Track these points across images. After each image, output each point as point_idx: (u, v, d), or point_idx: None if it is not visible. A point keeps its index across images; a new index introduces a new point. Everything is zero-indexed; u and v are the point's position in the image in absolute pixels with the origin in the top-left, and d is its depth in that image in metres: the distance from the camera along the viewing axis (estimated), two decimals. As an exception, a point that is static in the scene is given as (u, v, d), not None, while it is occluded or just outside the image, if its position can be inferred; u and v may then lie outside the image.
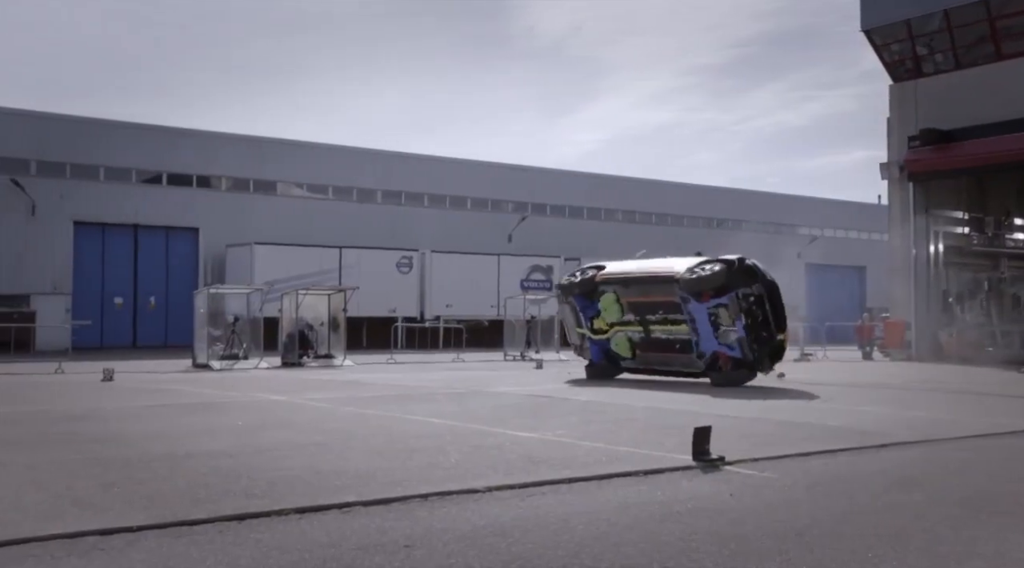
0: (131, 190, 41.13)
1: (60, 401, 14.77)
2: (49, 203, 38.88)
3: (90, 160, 40.18)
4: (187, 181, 42.85)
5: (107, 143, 40.33)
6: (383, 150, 48.52)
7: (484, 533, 5.62)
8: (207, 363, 25.38)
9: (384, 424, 11.32)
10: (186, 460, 8.20)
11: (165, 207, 41.64)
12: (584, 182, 54.00)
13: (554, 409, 13.34)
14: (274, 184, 44.81)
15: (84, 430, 10.63)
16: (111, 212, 40.43)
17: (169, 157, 42.02)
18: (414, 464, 8.08)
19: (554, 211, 52.61)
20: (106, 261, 40.80)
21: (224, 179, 43.79)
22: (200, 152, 42.73)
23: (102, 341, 38.42)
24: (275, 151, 44.61)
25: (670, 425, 10.96)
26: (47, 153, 39.26)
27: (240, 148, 43.81)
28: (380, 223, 45.63)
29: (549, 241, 49.01)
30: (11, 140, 38.50)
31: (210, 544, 5.33)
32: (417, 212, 47.93)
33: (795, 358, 30.48)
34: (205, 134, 43.42)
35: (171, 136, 42.24)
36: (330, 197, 46.14)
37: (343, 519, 5.99)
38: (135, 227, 41.28)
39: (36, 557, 5.01)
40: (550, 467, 7.90)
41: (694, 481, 7.44)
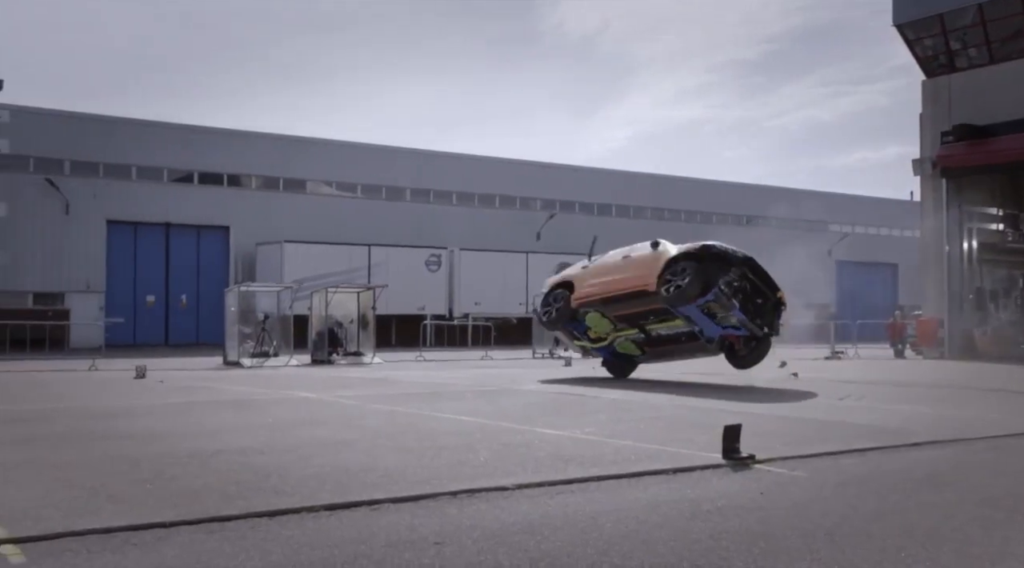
0: (163, 189, 41.56)
1: (94, 398, 14.94)
2: (83, 202, 39.37)
3: (123, 160, 40.64)
4: (218, 180, 43.22)
5: (139, 143, 40.78)
6: (412, 148, 48.69)
7: (513, 531, 5.63)
8: (238, 360, 25.60)
9: (413, 422, 11.36)
10: (217, 457, 8.27)
11: (196, 206, 42.04)
12: (613, 179, 53.92)
13: (583, 407, 13.32)
14: (304, 182, 45.09)
15: (117, 427, 10.75)
16: (143, 211, 40.88)
17: (200, 156, 42.41)
18: (443, 462, 8.10)
19: (583, 208, 52.56)
20: (138, 259, 41.26)
21: (254, 178, 44.11)
22: (230, 151, 43.09)
23: (135, 339, 38.88)
24: (305, 150, 44.89)
25: (699, 423, 10.92)
26: (81, 153, 39.76)
27: (270, 147, 44.12)
28: (409, 221, 45.78)
29: (577, 239, 48.87)
30: (45, 140, 39.02)
31: (242, 540, 5.37)
32: (446, 210, 48.04)
33: (826, 356, 30.26)
34: (235, 133, 43.77)
35: (202, 135, 42.62)
36: (359, 195, 46.35)
37: (373, 516, 6.01)
38: (167, 226, 41.71)
39: (72, 552, 5.08)
40: (579, 465, 7.89)
41: (724, 479, 7.41)
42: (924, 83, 33.85)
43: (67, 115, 40.30)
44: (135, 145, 40.72)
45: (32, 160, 39.01)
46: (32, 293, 38.72)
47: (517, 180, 50.40)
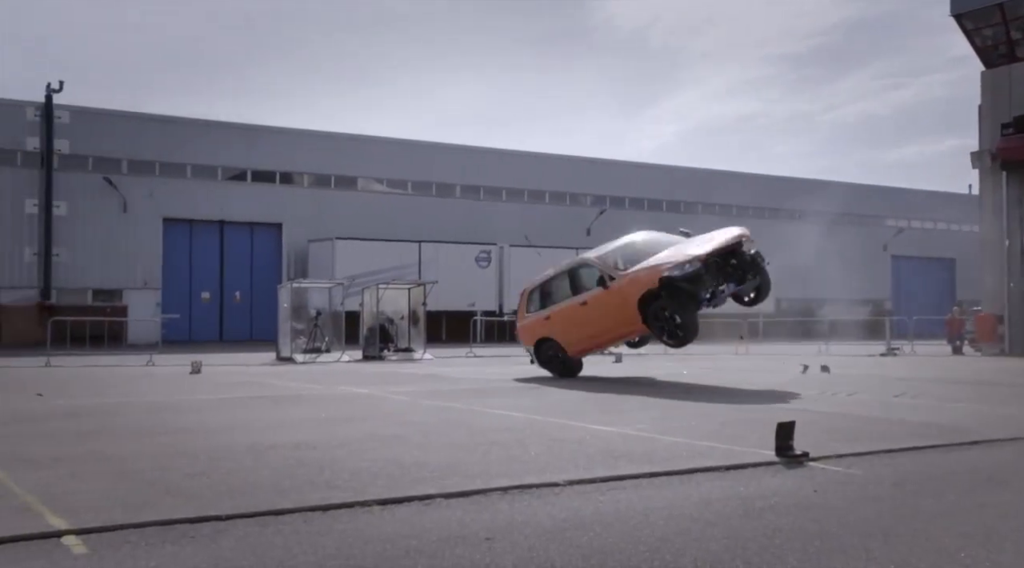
0: (217, 187, 42.17)
1: (151, 393, 15.22)
2: (140, 201, 40.10)
3: (178, 158, 41.31)
4: (271, 178, 43.74)
5: (194, 142, 41.42)
6: (462, 145, 48.84)
7: (565, 527, 5.63)
8: (291, 356, 25.89)
9: (464, 417, 11.40)
10: (271, 451, 8.38)
11: (250, 203, 42.59)
12: (663, 175, 53.61)
13: (633, 403, 13.28)
14: (355, 180, 45.44)
15: (174, 421, 10.94)
16: (198, 209, 41.53)
17: (253, 155, 42.95)
18: (494, 457, 8.12)
19: (633, 204, 52.32)
20: (193, 257, 41.93)
21: (306, 176, 44.56)
22: (283, 149, 43.58)
23: (190, 335, 39.52)
24: (355, 147, 45.25)
25: (752, 420, 10.82)
26: (138, 152, 40.48)
27: (322, 145, 44.53)
28: (459, 217, 45.93)
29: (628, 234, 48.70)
30: (104, 140, 39.80)
31: (295, 534, 5.44)
32: (495, 206, 48.12)
33: (881, 352, 29.80)
34: (288, 131, 44.25)
35: (255, 134, 43.16)
36: (409, 192, 46.61)
37: (425, 511, 6.05)
38: (221, 223, 42.32)
39: (132, 543, 5.18)
40: (630, 461, 7.86)
41: (777, 477, 7.33)
42: (983, 74, 33.12)
43: (124, 115, 41.05)
44: (190, 144, 41.37)
45: (91, 160, 39.79)
46: (91, 290, 39.52)
47: (567, 176, 50.31)
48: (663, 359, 26.03)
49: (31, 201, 38.52)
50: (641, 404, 13.14)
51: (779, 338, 40.61)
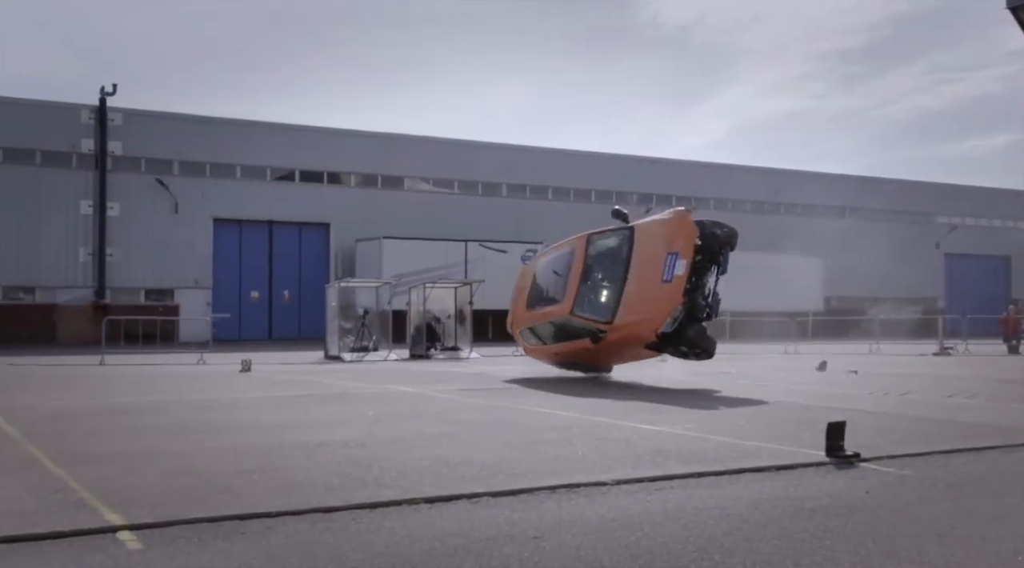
0: (266, 188, 42.62)
1: (203, 391, 15.42)
2: (191, 201, 40.66)
3: (228, 159, 41.82)
4: (318, 178, 44.10)
5: (243, 143, 41.91)
6: (508, 144, 48.88)
7: (613, 526, 5.61)
8: (338, 355, 26.09)
9: (511, 416, 11.41)
10: (320, 449, 8.45)
11: (297, 203, 42.99)
12: (710, 172, 53.21)
13: (682, 402, 13.19)
14: (401, 179, 45.66)
15: (224, 418, 11.08)
16: (247, 209, 42.00)
17: (301, 155, 43.35)
18: (541, 456, 8.11)
19: (680, 202, 51.93)
20: (243, 256, 42.42)
21: (354, 176, 44.88)
22: (330, 150, 43.92)
23: (240, 333, 39.98)
24: (402, 147, 45.46)
25: (802, 419, 10.70)
26: (188, 153, 41.05)
27: (368, 145, 44.82)
28: (505, 216, 45.96)
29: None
30: (156, 142, 40.43)
31: (344, 531, 5.48)
32: (542, 205, 48.08)
33: (934, 352, 29.30)
34: (335, 132, 44.59)
35: (303, 135, 43.55)
36: (455, 191, 46.74)
37: (472, 509, 6.06)
38: (270, 223, 42.77)
39: (184, 539, 5.25)
40: (679, 461, 7.81)
41: (828, 478, 7.24)
42: (1039, 68, 32.40)
43: (175, 117, 41.66)
44: (240, 145, 41.87)
45: (143, 161, 40.44)
46: (144, 289, 40.17)
47: (613, 174, 50.13)
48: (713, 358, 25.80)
49: (86, 202, 39.26)
50: (689, 403, 13.05)
51: (828, 337, 40.12)
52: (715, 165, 54.63)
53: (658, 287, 15.75)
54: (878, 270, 54.88)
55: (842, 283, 53.13)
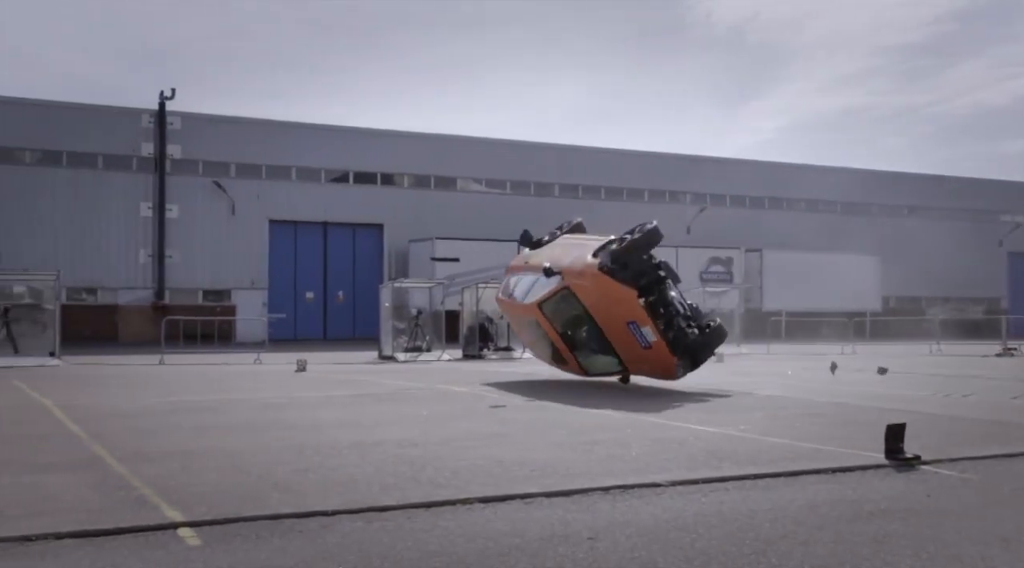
0: (320, 189, 43.06)
1: (259, 390, 15.62)
2: (247, 203, 41.22)
3: (283, 161, 42.33)
4: (372, 179, 44.45)
5: (298, 145, 42.38)
6: (559, 144, 48.83)
7: (667, 528, 5.58)
8: (392, 355, 26.27)
9: (564, 416, 11.40)
10: (375, 448, 8.52)
11: (352, 205, 43.36)
12: (765, 171, 52.61)
13: (736, 403, 13.08)
14: (454, 180, 45.83)
15: (281, 418, 11.22)
16: (302, 210, 42.47)
17: (355, 157, 43.72)
18: (595, 456, 8.10)
19: (734, 201, 51.53)
20: (298, 257, 42.90)
21: (406, 176, 45.16)
22: (384, 151, 44.24)
23: (295, 333, 40.43)
24: (454, 148, 45.64)
25: (860, 421, 10.55)
26: (245, 156, 41.62)
27: (421, 146, 45.05)
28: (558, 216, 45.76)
29: (728, 232, 48.05)
30: (213, 145, 41.06)
31: (399, 530, 5.52)
32: (594, 205, 47.92)
33: (997, 353, 28.67)
34: (389, 133, 44.89)
35: (357, 137, 43.92)
36: (508, 191, 46.80)
37: (526, 509, 6.07)
38: (324, 224, 43.19)
39: (242, 536, 5.34)
40: (734, 463, 7.75)
41: (887, 481, 7.13)
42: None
43: (232, 120, 42.27)
44: (295, 148, 42.36)
45: (201, 164, 41.09)
46: (202, 290, 40.83)
47: (666, 173, 49.82)
48: (766, 359, 25.57)
49: (145, 204, 40.00)
50: (743, 404, 12.94)
51: (887, 338, 39.47)
52: (769, 163, 53.99)
53: (642, 350, 15.31)
54: (939, 269, 53.85)
55: (901, 283, 52.22)
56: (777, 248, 47.54)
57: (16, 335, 23.66)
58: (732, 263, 45.29)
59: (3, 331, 23.51)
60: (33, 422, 10.87)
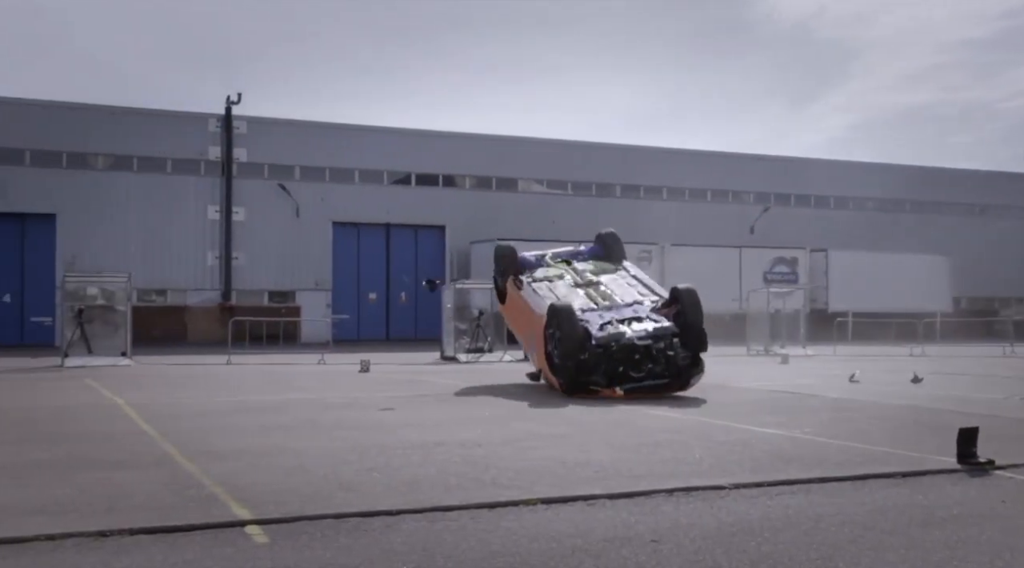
0: (383, 191, 43.43)
1: (323, 390, 15.82)
2: (311, 205, 41.74)
3: (347, 164, 42.79)
4: (434, 181, 44.70)
5: (361, 147, 42.82)
6: (621, 144, 48.60)
7: (732, 531, 5.52)
8: (454, 356, 26.39)
9: (626, 417, 11.35)
10: (438, 448, 8.57)
11: (414, 206, 43.66)
12: (831, 170, 51.75)
13: (802, 405, 12.90)
14: (515, 181, 45.89)
15: (345, 417, 11.35)
16: (365, 212, 42.88)
17: (417, 158, 44.02)
18: (658, 458, 8.05)
19: (799, 201, 50.80)
20: (361, 258, 43.33)
21: (468, 177, 45.33)
22: (445, 153, 44.47)
23: (358, 334, 40.84)
24: (515, 148, 45.71)
25: (930, 424, 10.33)
26: (309, 159, 42.16)
27: (482, 147, 45.20)
28: (619, 217, 45.59)
29: (793, 232, 47.38)
30: (278, 148, 41.68)
31: (463, 530, 5.54)
32: (656, 205, 47.64)
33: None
34: (450, 135, 45.11)
35: (419, 138, 44.21)
36: (569, 192, 46.72)
37: (589, 511, 6.05)
38: (387, 226, 43.55)
39: (308, 535, 5.41)
40: (800, 466, 7.64)
41: (959, 485, 6.97)
42: None
43: (296, 124, 42.85)
44: (358, 150, 42.80)
45: (266, 167, 41.72)
46: (267, 291, 41.46)
47: (729, 173, 49.30)
48: (832, 361, 25.16)
49: (213, 207, 40.74)
50: (809, 406, 12.75)
51: (958, 339, 38.59)
52: (835, 162, 53.10)
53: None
54: (1012, 270, 52.51)
55: (972, 283, 50.99)
56: (843, 248, 46.76)
57: (89, 336, 24.27)
58: (797, 263, 44.64)
59: (77, 332, 24.13)
60: (106, 421, 11.15)
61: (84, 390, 15.71)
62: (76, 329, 24.16)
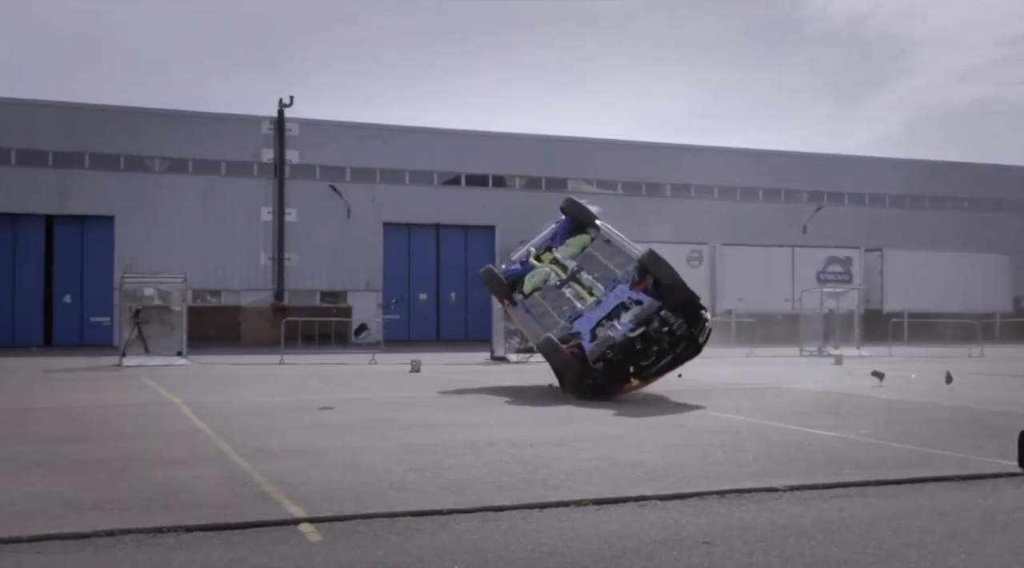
0: (433, 192, 43.62)
1: (375, 390, 15.93)
2: (362, 206, 42.07)
3: (397, 165, 43.05)
4: (483, 181, 44.80)
5: (411, 148, 43.04)
6: (671, 143, 48.28)
7: (785, 534, 5.46)
8: (504, 356, 26.42)
9: (677, 418, 11.28)
10: (489, 448, 8.59)
11: (464, 207, 43.80)
12: (885, 168, 50.89)
13: (856, 407, 12.71)
14: (565, 181, 45.82)
15: (397, 417, 11.41)
16: (415, 213, 43.11)
17: (467, 159, 44.15)
18: (710, 459, 7.99)
19: (852, 200, 50.06)
20: (412, 259, 43.58)
21: (518, 178, 45.37)
22: (495, 153, 44.55)
23: (409, 334, 41.09)
24: (565, 149, 45.64)
25: (989, 427, 10.12)
26: (360, 160, 42.50)
27: (532, 147, 45.20)
28: (669, 216, 45.37)
29: (847, 231, 46.71)
30: (330, 149, 42.09)
31: (514, 530, 5.55)
32: (706, 204, 47.27)
33: None
34: (499, 135, 45.18)
35: (468, 139, 44.34)
36: (619, 192, 46.53)
37: (640, 512, 6.02)
38: (437, 226, 43.74)
39: (361, 533, 5.45)
40: (855, 468, 7.53)
41: (1021, 489, 6.82)
42: None
43: (347, 126, 43.22)
44: (408, 151, 43.04)
45: (318, 168, 42.14)
46: (319, 291, 41.86)
47: (781, 172, 48.74)
48: (887, 362, 24.75)
49: (266, 209, 41.25)
50: (864, 407, 12.56)
51: (1018, 340, 37.77)
52: (890, 160, 52.20)
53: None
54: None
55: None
56: (899, 247, 45.99)
57: (146, 336, 24.71)
58: (851, 263, 43.97)
59: (135, 332, 24.58)
60: (163, 419, 11.34)
61: (141, 389, 15.99)
62: (133, 329, 24.61)
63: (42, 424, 10.78)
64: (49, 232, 38.57)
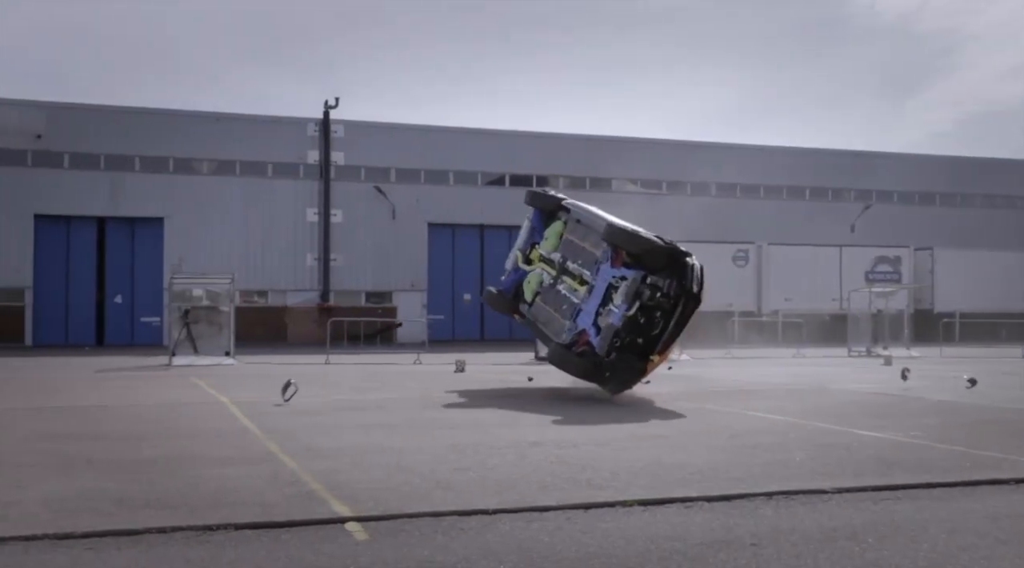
0: (477, 192, 43.73)
1: (420, 390, 15.99)
2: (407, 207, 42.30)
3: (441, 166, 43.22)
4: (527, 181, 44.76)
5: (455, 149, 43.19)
6: (716, 142, 47.93)
7: (834, 536, 5.39)
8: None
9: (724, 419, 11.20)
10: (534, 448, 8.59)
11: (508, 207, 43.79)
12: (935, 166, 50.07)
13: (905, 408, 12.52)
14: (609, 181, 45.71)
15: (442, 417, 11.46)
16: (460, 213, 43.24)
17: (511, 159, 44.20)
18: (757, 461, 7.91)
19: (902, 198, 49.33)
20: (456, 259, 43.73)
21: (562, 178, 45.28)
22: (539, 153, 44.54)
23: (453, 334, 41.22)
24: (609, 148, 45.50)
25: (1044, 430, 9.91)
26: (405, 161, 42.73)
27: (575, 147, 45.13)
28: (715, 216, 45.05)
29: (896, 230, 46.04)
30: (374, 151, 42.37)
31: (559, 531, 5.54)
32: (753, 204, 46.88)
33: None
34: (543, 135, 45.18)
35: (512, 139, 44.39)
36: (664, 191, 46.31)
37: (686, 513, 5.99)
38: (480, 227, 43.83)
39: (406, 532, 5.48)
40: (905, 470, 7.42)
41: (1077, 493, 6.67)
42: None
43: (392, 127, 43.49)
44: (452, 152, 43.21)
45: (363, 170, 42.46)
46: (364, 292, 42.17)
47: (828, 170, 48.17)
48: (938, 362, 24.37)
49: (312, 210, 41.65)
50: (914, 409, 12.37)
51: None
52: (940, 157, 51.35)
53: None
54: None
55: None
56: (951, 246, 45.24)
57: (195, 336, 25.04)
58: (900, 263, 43.33)
59: (184, 332, 24.92)
60: (211, 418, 11.49)
61: (190, 389, 16.21)
62: (183, 329, 24.95)
63: (93, 422, 10.97)
64: (101, 233, 39.26)
